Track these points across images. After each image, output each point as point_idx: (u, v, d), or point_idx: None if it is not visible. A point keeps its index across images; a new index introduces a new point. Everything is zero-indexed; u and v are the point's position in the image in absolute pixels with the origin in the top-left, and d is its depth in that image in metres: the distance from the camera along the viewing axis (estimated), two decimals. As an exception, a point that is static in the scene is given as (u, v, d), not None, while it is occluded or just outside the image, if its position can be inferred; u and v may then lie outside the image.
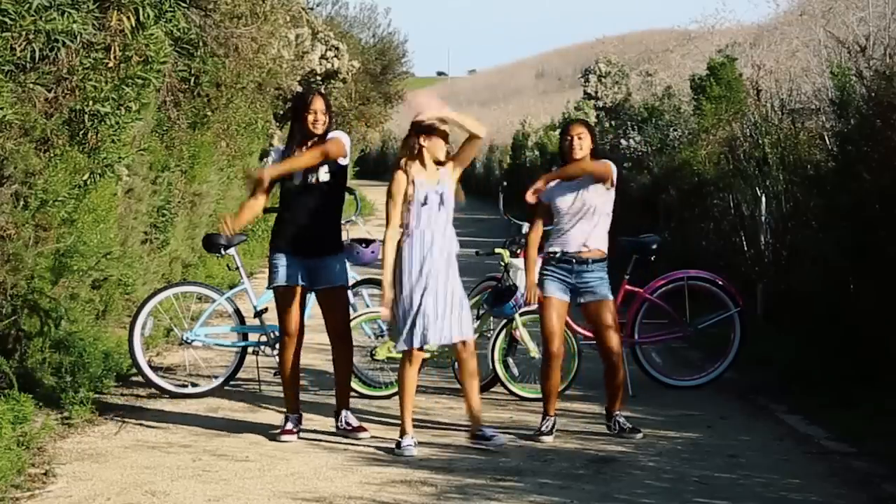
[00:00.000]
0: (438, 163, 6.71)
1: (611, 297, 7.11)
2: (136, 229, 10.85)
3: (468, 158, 6.89)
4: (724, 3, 50.35)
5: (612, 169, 7.05)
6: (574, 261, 7.01)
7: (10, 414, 6.48)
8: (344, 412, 7.00)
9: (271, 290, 7.04)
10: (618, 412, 7.15)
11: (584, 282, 7.02)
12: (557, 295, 7.04)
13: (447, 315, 6.59)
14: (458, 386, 8.37)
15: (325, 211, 6.89)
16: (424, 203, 6.62)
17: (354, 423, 6.99)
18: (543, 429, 7.05)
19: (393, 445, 6.69)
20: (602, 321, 7.03)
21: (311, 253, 6.84)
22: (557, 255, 7.04)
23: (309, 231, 6.82)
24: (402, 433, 6.65)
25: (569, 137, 7.08)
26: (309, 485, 5.86)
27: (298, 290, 6.88)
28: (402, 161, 6.71)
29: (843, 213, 8.37)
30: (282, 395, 7.93)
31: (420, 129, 6.70)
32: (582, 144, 7.03)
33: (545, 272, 7.09)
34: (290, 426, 6.92)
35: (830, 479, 6.17)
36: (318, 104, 6.84)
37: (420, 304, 6.56)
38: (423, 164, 6.69)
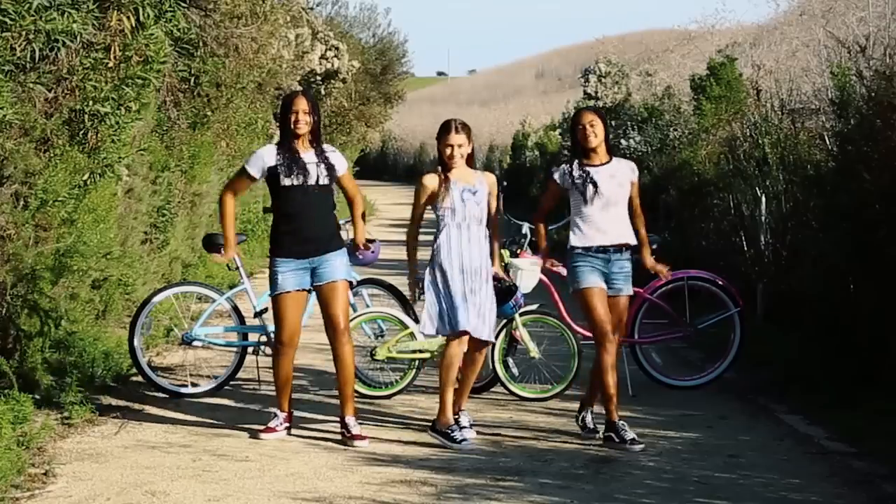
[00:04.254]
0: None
1: (630, 293, 7.08)
2: (136, 229, 10.85)
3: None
4: (724, 3, 50.42)
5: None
6: (612, 249, 6.96)
7: (10, 414, 6.49)
8: (348, 418, 6.86)
9: (268, 296, 7.04)
10: (587, 410, 7.14)
11: (615, 274, 6.97)
12: (598, 283, 6.92)
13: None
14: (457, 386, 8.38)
15: (324, 212, 6.91)
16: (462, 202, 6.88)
17: (354, 430, 6.84)
18: (624, 435, 6.87)
19: (393, 446, 6.70)
20: (615, 314, 6.99)
21: (313, 253, 6.84)
22: (594, 248, 6.96)
23: (311, 233, 6.83)
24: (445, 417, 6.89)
25: (580, 126, 6.98)
26: (309, 485, 5.86)
27: (301, 296, 6.88)
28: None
29: (843, 213, 8.37)
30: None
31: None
32: (595, 132, 6.95)
33: (579, 263, 6.96)
34: (273, 424, 6.92)
35: (830, 479, 6.17)
36: (302, 105, 6.86)
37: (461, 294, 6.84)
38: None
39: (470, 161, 6.99)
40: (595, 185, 6.90)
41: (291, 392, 7.04)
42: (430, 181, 6.91)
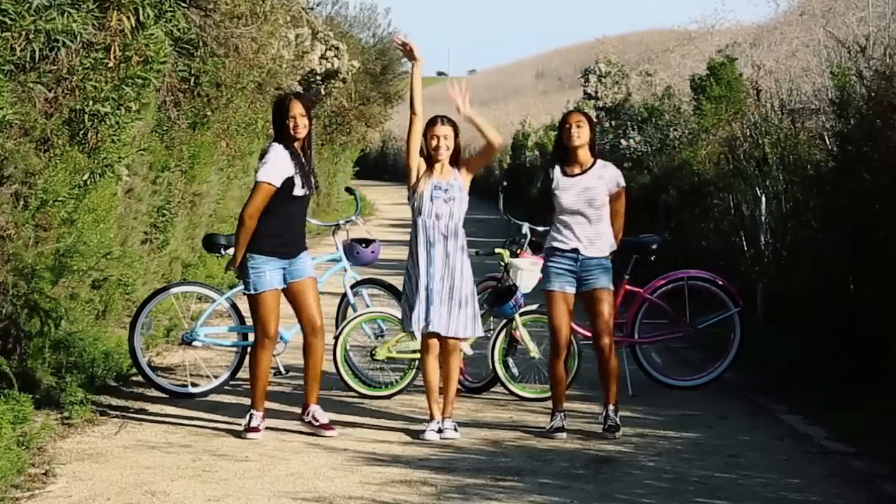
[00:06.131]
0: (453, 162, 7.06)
1: (610, 287, 7.15)
2: (136, 229, 10.85)
3: (479, 166, 7.25)
4: (724, 3, 50.44)
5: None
6: (579, 252, 7.07)
7: (10, 414, 6.49)
8: (312, 407, 7.00)
9: (244, 292, 7.08)
10: (611, 406, 7.15)
11: (588, 270, 7.06)
12: (563, 288, 7.07)
13: (444, 307, 6.94)
14: (457, 386, 8.38)
15: (305, 216, 7.19)
16: (431, 200, 6.96)
17: (323, 419, 6.99)
18: (555, 424, 7.08)
19: (393, 446, 6.72)
20: (596, 309, 7.08)
21: (294, 254, 6.96)
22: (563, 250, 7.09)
23: (294, 234, 6.98)
24: (430, 418, 7.05)
25: (567, 125, 7.13)
26: (309, 485, 5.86)
27: (280, 293, 6.99)
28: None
29: (843, 213, 8.37)
30: (281, 394, 7.93)
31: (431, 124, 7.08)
32: (580, 133, 7.07)
33: (550, 264, 7.13)
34: (255, 423, 6.94)
35: (830, 479, 6.17)
36: (298, 109, 6.92)
37: (420, 291, 6.94)
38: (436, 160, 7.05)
39: (455, 159, 7.04)
40: (567, 197, 7.07)
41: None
42: (421, 161, 7.08)
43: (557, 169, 7.17)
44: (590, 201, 7.06)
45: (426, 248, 6.93)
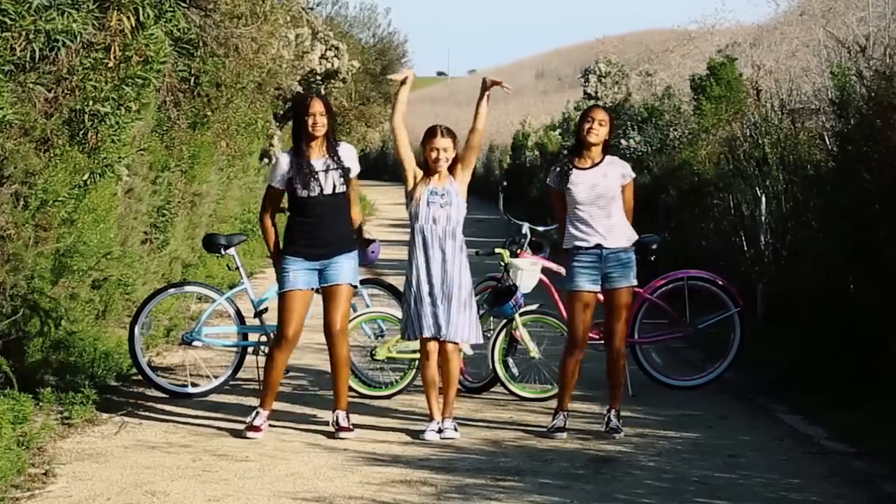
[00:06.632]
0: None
1: (633, 284, 7.17)
2: (136, 229, 10.85)
3: (470, 156, 7.12)
4: (724, 3, 50.42)
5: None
6: (602, 247, 7.07)
7: (10, 414, 6.48)
8: (339, 412, 7.00)
9: (276, 293, 7.09)
10: (614, 409, 7.16)
11: (611, 265, 7.07)
12: (585, 286, 7.07)
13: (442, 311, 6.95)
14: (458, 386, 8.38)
15: (339, 217, 7.03)
16: (428, 204, 6.97)
17: (343, 423, 6.98)
18: (556, 424, 7.08)
19: (393, 446, 6.72)
20: (615, 311, 7.11)
21: (324, 256, 6.94)
22: (585, 247, 7.08)
23: (325, 236, 6.95)
24: (430, 419, 7.06)
25: (590, 119, 7.12)
26: (309, 485, 5.87)
27: (309, 295, 6.97)
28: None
29: (843, 213, 8.37)
30: (282, 394, 7.93)
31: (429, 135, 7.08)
32: (600, 132, 7.09)
33: (574, 263, 7.10)
34: (258, 422, 6.94)
35: (830, 479, 6.17)
36: (318, 107, 6.93)
37: (423, 297, 6.96)
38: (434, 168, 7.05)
39: (452, 167, 7.06)
40: (579, 190, 7.06)
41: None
42: (417, 169, 7.09)
43: (567, 165, 7.19)
44: (601, 191, 7.06)
45: (424, 253, 6.94)
